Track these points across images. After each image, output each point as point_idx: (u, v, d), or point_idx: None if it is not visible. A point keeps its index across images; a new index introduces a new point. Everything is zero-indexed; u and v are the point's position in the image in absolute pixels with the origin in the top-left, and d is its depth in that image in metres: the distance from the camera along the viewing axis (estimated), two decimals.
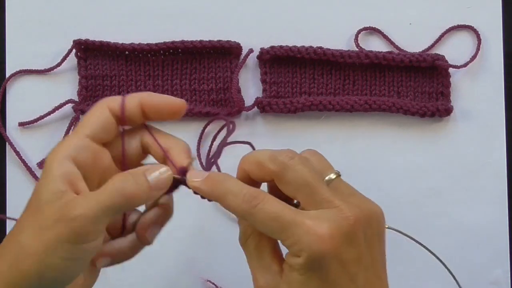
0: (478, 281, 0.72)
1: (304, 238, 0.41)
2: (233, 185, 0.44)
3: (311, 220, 0.41)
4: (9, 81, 0.72)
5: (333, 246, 0.41)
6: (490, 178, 0.72)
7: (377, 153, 0.72)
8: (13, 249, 0.43)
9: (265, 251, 0.44)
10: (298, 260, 0.41)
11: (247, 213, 0.42)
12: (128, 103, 0.45)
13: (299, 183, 0.43)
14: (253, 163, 0.45)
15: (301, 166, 0.43)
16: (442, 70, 0.71)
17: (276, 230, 0.42)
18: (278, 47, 0.71)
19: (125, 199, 0.42)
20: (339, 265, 0.41)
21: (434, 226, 0.72)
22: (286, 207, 0.42)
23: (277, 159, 0.44)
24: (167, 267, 0.72)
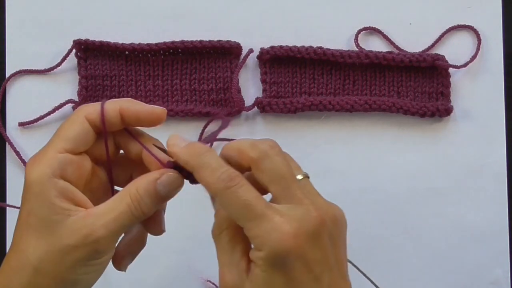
0: (478, 281, 0.72)
1: (269, 233, 0.40)
2: (213, 160, 0.43)
3: (280, 217, 0.41)
4: (9, 81, 0.72)
5: (297, 245, 0.41)
6: (490, 178, 0.72)
7: (377, 153, 0.72)
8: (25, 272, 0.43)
9: (237, 247, 0.44)
10: (259, 254, 0.41)
11: (219, 192, 0.42)
12: (107, 111, 0.45)
13: (275, 174, 0.43)
14: (234, 150, 0.44)
15: (279, 157, 0.43)
16: (442, 70, 0.71)
17: (244, 218, 0.41)
18: (278, 47, 0.71)
19: (142, 214, 0.44)
20: (303, 265, 0.41)
21: (434, 226, 0.72)
22: (259, 198, 0.42)
23: (258, 147, 0.43)
24: (167, 267, 0.72)
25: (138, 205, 0.44)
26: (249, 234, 0.42)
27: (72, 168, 0.44)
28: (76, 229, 0.43)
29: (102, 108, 0.45)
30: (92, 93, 0.72)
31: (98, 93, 0.72)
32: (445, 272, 0.72)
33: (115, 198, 0.45)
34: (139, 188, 0.44)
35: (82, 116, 0.44)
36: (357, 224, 0.71)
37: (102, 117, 0.44)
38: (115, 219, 0.43)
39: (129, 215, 0.44)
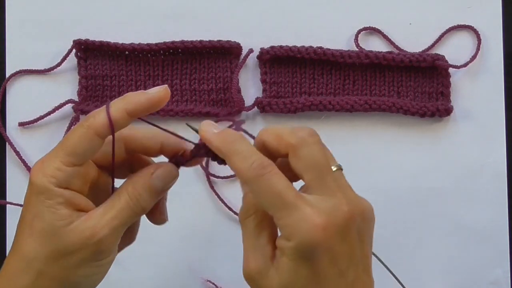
0: (478, 281, 0.72)
1: (299, 223, 0.40)
2: (246, 147, 0.43)
3: (311, 208, 0.41)
4: (9, 81, 0.72)
5: (326, 237, 0.40)
6: (490, 178, 0.72)
7: (377, 153, 0.72)
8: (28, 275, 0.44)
9: (263, 232, 0.43)
10: (288, 244, 0.41)
11: (251, 180, 0.42)
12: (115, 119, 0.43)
13: (311, 162, 0.43)
14: (272, 134, 0.44)
15: (317, 146, 0.43)
16: (442, 70, 0.71)
17: (274, 206, 0.41)
18: (278, 47, 0.71)
19: (141, 209, 0.45)
20: (330, 258, 0.41)
21: (434, 226, 0.72)
22: (290, 187, 0.42)
23: (297, 133, 0.43)
24: (167, 267, 0.72)
25: (137, 200, 0.44)
26: (279, 223, 0.41)
27: (77, 179, 0.44)
28: (79, 231, 0.43)
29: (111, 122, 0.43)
30: (92, 93, 0.72)
31: (98, 93, 0.72)
32: (445, 272, 0.72)
33: (113, 196, 0.45)
34: (135, 184, 0.45)
35: (91, 132, 0.43)
36: None
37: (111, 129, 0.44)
38: (116, 217, 0.44)
39: (129, 211, 0.44)
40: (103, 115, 0.43)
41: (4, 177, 0.72)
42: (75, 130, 0.44)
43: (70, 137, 0.44)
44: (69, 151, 0.43)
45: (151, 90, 0.45)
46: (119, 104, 0.44)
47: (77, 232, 0.43)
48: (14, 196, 0.71)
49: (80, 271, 0.44)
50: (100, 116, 0.43)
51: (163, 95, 0.45)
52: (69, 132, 0.45)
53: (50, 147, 0.72)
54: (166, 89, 0.45)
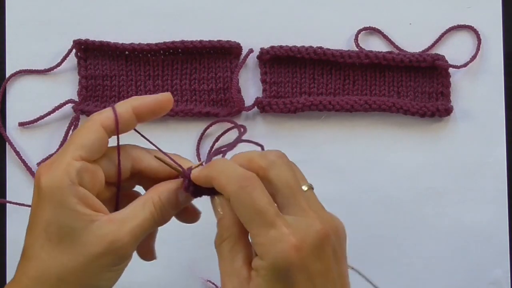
0: (478, 281, 0.72)
1: (274, 243, 0.41)
2: (228, 166, 0.44)
3: (287, 228, 0.41)
4: (9, 81, 0.72)
5: (300, 257, 0.41)
6: (490, 178, 0.72)
7: (377, 153, 0.72)
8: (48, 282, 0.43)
9: (238, 255, 0.44)
10: (262, 263, 0.41)
11: (234, 193, 0.42)
12: (121, 115, 0.45)
13: (281, 183, 0.43)
14: (243, 158, 0.45)
15: (287, 167, 0.44)
16: (442, 70, 0.71)
17: (253, 222, 0.42)
18: (278, 47, 0.71)
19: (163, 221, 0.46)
20: (305, 277, 0.41)
21: (434, 226, 0.72)
22: (271, 204, 0.42)
23: (267, 156, 0.44)
24: (167, 267, 0.72)
25: (161, 212, 0.45)
26: (254, 240, 0.42)
27: (88, 176, 0.44)
28: (101, 235, 0.43)
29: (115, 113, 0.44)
30: (92, 93, 0.72)
31: (98, 93, 0.72)
32: (445, 272, 0.72)
33: (137, 204, 0.45)
34: (161, 196, 0.45)
35: (97, 124, 0.44)
36: (357, 224, 0.71)
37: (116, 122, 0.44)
38: (140, 225, 0.44)
39: (152, 221, 0.45)
40: (110, 111, 0.45)
41: (4, 177, 0.72)
42: (80, 126, 0.45)
43: (76, 133, 0.45)
44: (77, 144, 0.44)
45: (156, 95, 0.46)
46: (125, 103, 0.45)
47: (99, 235, 0.43)
48: (14, 196, 0.71)
49: (102, 275, 0.44)
50: (106, 111, 0.45)
51: (168, 99, 0.46)
52: (74, 131, 0.45)
53: (50, 147, 0.73)
54: (169, 94, 0.46)
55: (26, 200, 0.71)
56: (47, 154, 0.72)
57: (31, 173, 0.71)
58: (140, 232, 0.44)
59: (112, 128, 0.44)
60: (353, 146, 0.72)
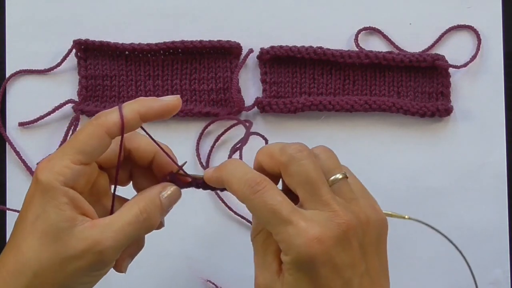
0: (478, 281, 0.72)
1: (293, 238, 0.41)
2: (239, 168, 0.44)
3: (305, 221, 0.41)
4: (9, 81, 0.72)
5: (323, 250, 0.41)
6: (490, 178, 0.72)
7: (377, 153, 0.72)
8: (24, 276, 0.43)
9: (270, 249, 0.44)
10: (286, 259, 0.42)
11: (246, 198, 0.43)
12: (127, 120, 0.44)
13: (301, 178, 0.43)
14: (265, 154, 0.45)
15: (307, 161, 0.43)
16: (442, 70, 0.71)
17: (270, 222, 0.42)
18: (278, 47, 0.71)
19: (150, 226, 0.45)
20: (331, 269, 0.41)
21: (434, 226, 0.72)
22: (285, 202, 0.42)
23: (286, 151, 0.44)
24: (167, 267, 0.72)
25: (148, 216, 0.45)
26: (276, 238, 0.42)
27: (82, 179, 0.44)
28: (82, 238, 0.43)
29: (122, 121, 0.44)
30: (92, 93, 0.72)
31: (98, 93, 0.72)
32: (445, 272, 0.72)
33: (122, 210, 0.45)
34: (147, 201, 0.45)
35: (102, 130, 0.43)
36: None
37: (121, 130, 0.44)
38: (123, 230, 0.44)
39: (137, 225, 0.44)
40: (115, 114, 0.44)
41: (4, 177, 0.72)
42: (84, 128, 0.44)
43: (80, 135, 0.44)
44: (78, 149, 0.43)
45: (164, 98, 0.46)
46: (132, 106, 0.44)
47: (81, 237, 0.42)
48: (14, 196, 0.71)
49: (77, 278, 0.43)
50: (112, 115, 0.44)
51: (176, 104, 0.46)
52: (78, 131, 0.44)
53: (50, 147, 0.73)
54: (178, 99, 0.46)
55: None
56: (47, 154, 0.72)
57: (31, 173, 0.71)
58: (123, 237, 0.43)
59: (116, 133, 0.44)
60: (353, 146, 0.72)
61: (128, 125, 0.44)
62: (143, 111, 0.44)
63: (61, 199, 0.43)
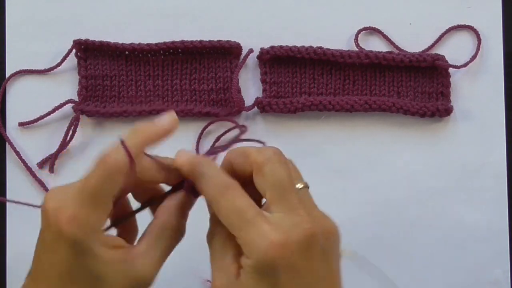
0: (478, 281, 0.72)
1: (257, 241, 0.41)
2: (211, 169, 0.44)
3: (269, 225, 0.41)
4: (9, 81, 0.72)
5: (285, 254, 0.41)
6: (490, 178, 0.72)
7: (377, 153, 0.72)
8: None
9: (228, 251, 0.44)
10: (247, 262, 0.41)
11: (214, 200, 0.43)
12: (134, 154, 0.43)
13: (274, 179, 0.43)
14: (240, 153, 0.45)
15: (282, 164, 0.44)
16: (442, 70, 0.71)
17: (234, 225, 0.42)
18: (278, 47, 0.71)
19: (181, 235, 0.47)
20: (291, 275, 0.41)
21: (434, 226, 0.72)
22: (251, 205, 0.42)
23: (263, 151, 0.44)
24: (167, 267, 0.71)
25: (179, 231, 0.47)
26: (239, 241, 0.42)
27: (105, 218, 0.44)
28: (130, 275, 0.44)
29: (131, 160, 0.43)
30: (92, 93, 0.72)
31: (98, 93, 0.72)
32: (445, 272, 0.72)
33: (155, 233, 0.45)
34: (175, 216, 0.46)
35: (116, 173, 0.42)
36: (356, 224, 0.71)
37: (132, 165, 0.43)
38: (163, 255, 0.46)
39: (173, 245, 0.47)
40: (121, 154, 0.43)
41: (4, 177, 0.72)
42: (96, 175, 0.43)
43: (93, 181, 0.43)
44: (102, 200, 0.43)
45: (161, 121, 0.46)
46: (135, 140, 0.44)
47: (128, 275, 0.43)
48: (14, 196, 0.71)
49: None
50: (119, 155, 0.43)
51: (174, 125, 0.46)
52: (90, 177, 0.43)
53: (50, 147, 0.73)
54: (175, 119, 0.46)
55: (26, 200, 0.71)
56: (47, 154, 0.72)
57: (31, 173, 0.71)
58: (163, 260, 0.46)
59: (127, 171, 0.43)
60: (353, 146, 0.72)
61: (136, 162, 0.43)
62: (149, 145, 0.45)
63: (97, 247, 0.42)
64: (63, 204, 0.42)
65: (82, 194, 0.43)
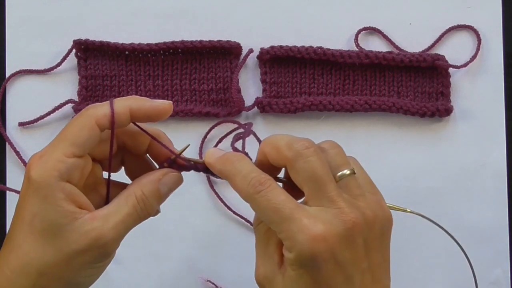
0: (478, 281, 0.72)
1: (297, 235, 0.41)
2: (244, 166, 0.44)
3: (308, 219, 0.41)
4: (9, 81, 0.72)
5: (326, 247, 0.41)
6: (490, 178, 0.72)
7: (377, 153, 0.72)
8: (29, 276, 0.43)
9: (272, 239, 0.44)
10: (289, 255, 0.42)
11: (250, 197, 0.43)
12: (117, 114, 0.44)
13: (308, 175, 0.43)
14: (271, 146, 0.45)
15: (314, 157, 0.43)
16: (442, 70, 0.71)
17: (273, 221, 0.42)
18: (278, 47, 0.71)
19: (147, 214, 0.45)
20: (333, 266, 0.41)
21: (434, 226, 0.72)
22: (288, 200, 0.42)
23: (293, 146, 0.43)
24: (167, 267, 0.72)
25: (144, 205, 0.45)
26: (280, 236, 0.42)
27: (78, 172, 0.44)
28: (84, 232, 0.43)
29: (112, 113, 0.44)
30: (92, 93, 0.72)
31: (98, 93, 0.72)
32: (445, 272, 0.72)
33: (120, 200, 0.45)
34: (144, 189, 0.45)
35: (92, 121, 0.43)
36: None
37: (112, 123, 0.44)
38: (123, 221, 0.44)
39: (135, 216, 0.45)
40: (106, 107, 0.44)
41: (4, 177, 0.72)
42: (75, 120, 0.44)
43: (70, 128, 0.44)
44: (70, 141, 0.43)
45: (157, 100, 0.46)
46: (123, 101, 0.45)
47: (83, 232, 0.43)
48: (14, 196, 0.71)
49: (82, 271, 0.44)
50: (103, 107, 0.44)
51: (167, 108, 0.46)
52: (68, 124, 0.44)
53: None
54: (170, 104, 0.46)
55: None
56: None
57: None
58: (123, 228, 0.44)
59: (106, 126, 0.44)
60: (353, 146, 0.72)
61: (118, 118, 0.44)
62: (134, 107, 0.44)
63: (57, 195, 0.42)
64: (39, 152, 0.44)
65: (56, 140, 0.43)
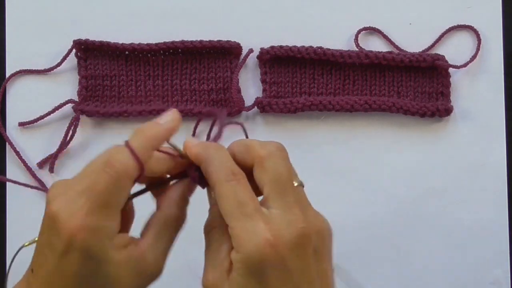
0: (478, 281, 0.72)
1: (249, 236, 0.41)
2: (221, 155, 0.44)
3: (265, 223, 0.41)
4: (9, 81, 0.72)
5: (275, 254, 0.40)
6: (490, 178, 0.72)
7: (377, 153, 0.72)
8: None
9: (223, 246, 0.43)
10: (236, 256, 0.41)
11: (218, 183, 0.43)
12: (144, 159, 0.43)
13: (275, 174, 0.43)
14: (242, 145, 0.45)
15: (285, 161, 0.44)
16: (442, 70, 0.71)
17: (231, 214, 0.42)
18: (278, 47, 0.71)
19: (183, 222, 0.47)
20: (281, 274, 0.41)
21: (434, 226, 0.72)
22: (253, 199, 0.42)
23: (267, 146, 0.44)
24: (167, 267, 0.71)
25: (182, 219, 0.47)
26: (232, 232, 0.42)
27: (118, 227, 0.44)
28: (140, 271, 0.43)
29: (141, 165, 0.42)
30: (92, 93, 0.72)
31: (98, 93, 0.72)
32: (445, 272, 0.72)
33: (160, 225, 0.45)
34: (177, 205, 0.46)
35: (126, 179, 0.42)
36: (356, 224, 0.71)
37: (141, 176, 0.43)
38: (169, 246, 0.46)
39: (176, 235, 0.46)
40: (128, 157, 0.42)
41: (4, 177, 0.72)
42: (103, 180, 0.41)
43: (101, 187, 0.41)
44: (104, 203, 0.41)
45: (165, 119, 0.46)
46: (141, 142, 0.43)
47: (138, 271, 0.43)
48: (14, 196, 0.71)
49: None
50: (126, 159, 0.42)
51: (178, 123, 0.46)
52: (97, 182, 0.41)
53: (50, 147, 0.72)
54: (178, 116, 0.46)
55: (26, 200, 0.71)
56: (47, 154, 0.72)
57: (31, 173, 0.71)
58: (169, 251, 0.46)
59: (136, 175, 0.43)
60: (353, 146, 0.72)
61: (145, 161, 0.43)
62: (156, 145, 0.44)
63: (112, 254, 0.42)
64: (72, 211, 0.41)
65: (91, 201, 0.41)
